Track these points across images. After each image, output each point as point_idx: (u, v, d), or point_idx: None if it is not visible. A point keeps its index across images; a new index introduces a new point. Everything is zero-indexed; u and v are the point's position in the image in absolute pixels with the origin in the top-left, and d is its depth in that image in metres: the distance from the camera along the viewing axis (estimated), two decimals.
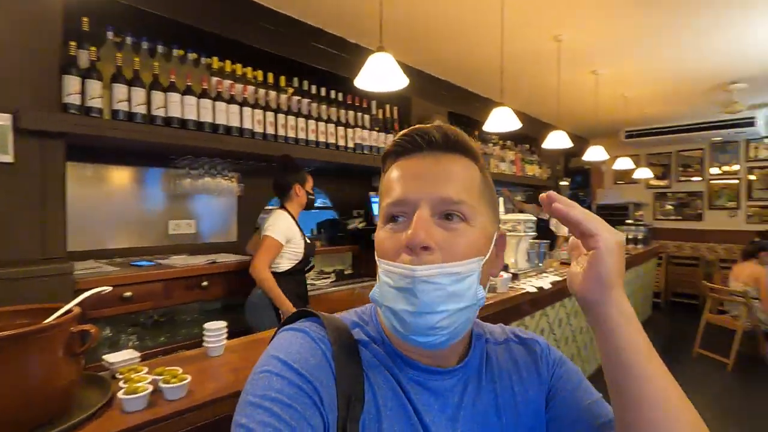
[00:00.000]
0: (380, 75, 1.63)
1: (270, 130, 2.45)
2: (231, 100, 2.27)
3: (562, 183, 6.07)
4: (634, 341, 0.44)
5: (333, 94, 2.93)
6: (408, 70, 3.48)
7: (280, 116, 2.51)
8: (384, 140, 3.21)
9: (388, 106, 3.33)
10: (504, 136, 4.91)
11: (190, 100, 2.11)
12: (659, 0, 2.38)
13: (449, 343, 0.51)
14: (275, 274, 2.17)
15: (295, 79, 2.71)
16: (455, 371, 0.55)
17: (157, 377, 0.89)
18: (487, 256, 0.52)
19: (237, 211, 2.87)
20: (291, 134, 2.56)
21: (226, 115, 2.25)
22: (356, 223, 3.48)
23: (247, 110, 2.34)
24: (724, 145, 6.04)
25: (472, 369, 0.57)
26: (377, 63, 1.63)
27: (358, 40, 3.03)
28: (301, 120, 2.63)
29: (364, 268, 3.52)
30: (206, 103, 2.17)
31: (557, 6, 2.47)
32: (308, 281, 3.01)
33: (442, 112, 3.82)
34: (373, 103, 3.22)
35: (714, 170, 6.18)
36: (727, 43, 2.99)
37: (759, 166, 5.82)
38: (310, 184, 2.47)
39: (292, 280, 2.30)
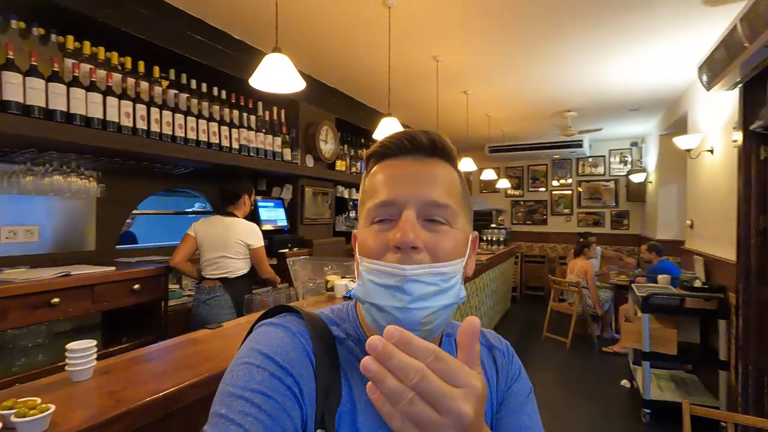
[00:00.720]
0: (276, 76, 1.59)
1: (141, 125, 2.19)
2: (91, 87, 1.97)
3: None
4: None
5: (216, 91, 2.75)
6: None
7: (154, 110, 2.26)
8: (272, 143, 3.12)
9: (275, 109, 3.24)
10: None
11: (35, 82, 1.77)
12: (521, 32, 2.80)
13: (427, 340, 0.49)
14: (238, 279, 2.43)
15: (172, 72, 2.48)
16: None
17: (6, 412, 0.73)
18: (466, 257, 0.54)
19: (96, 216, 2.48)
20: (167, 131, 2.33)
21: (85, 104, 1.94)
22: None
23: (112, 100, 2.05)
24: (562, 162, 7.29)
25: None
26: (273, 64, 1.59)
27: (244, 38, 2.90)
28: (179, 116, 2.40)
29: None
30: (58, 87, 1.85)
31: (437, 29, 2.72)
32: (183, 293, 2.76)
33: (330, 118, 3.86)
34: (260, 104, 3.10)
35: (554, 183, 7.40)
36: (565, 77, 3.65)
37: (585, 180, 7.17)
38: (254, 195, 2.73)
39: (247, 282, 2.52)
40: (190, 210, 3.49)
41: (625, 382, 3.58)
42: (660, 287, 3.23)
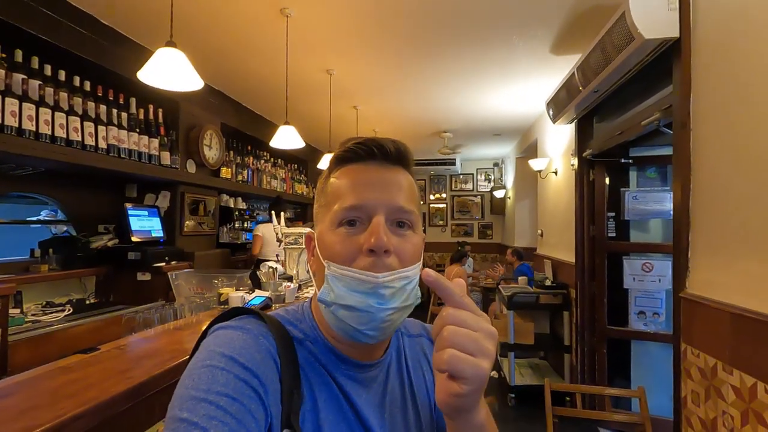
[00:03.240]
0: (169, 72, 1.46)
1: None
2: None
3: None
4: None
5: (78, 81, 2.38)
6: None
7: None
8: (147, 144, 2.80)
9: (151, 107, 2.93)
10: (275, 154, 5.04)
11: None
12: (407, 53, 3.03)
13: (386, 337, 0.56)
14: None
15: (19, 52, 2.08)
16: (379, 363, 0.60)
17: None
18: (422, 259, 0.57)
19: None
20: (11, 122, 1.93)
21: None
22: (105, 241, 2.86)
23: None
24: (438, 177, 7.99)
25: (391, 359, 0.62)
26: (166, 58, 1.46)
27: (114, 24, 2.57)
28: (29, 106, 2.02)
29: (115, 294, 2.93)
30: None
31: (332, 43, 2.79)
32: (25, 318, 2.29)
33: (215, 122, 3.62)
34: (132, 101, 2.77)
35: (432, 197, 8.06)
36: (444, 100, 4.05)
37: (457, 195, 7.97)
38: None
39: None
40: (33, 219, 2.89)
41: (493, 373, 4.05)
42: (520, 287, 3.77)
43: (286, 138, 2.57)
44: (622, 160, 2.93)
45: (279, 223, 2.58)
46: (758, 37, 1.35)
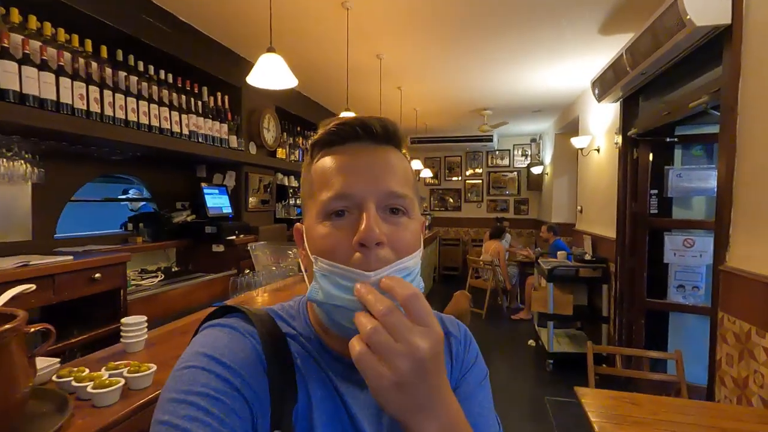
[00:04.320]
0: (271, 74, 1.70)
1: (95, 108, 2.10)
2: (43, 66, 1.86)
3: None
4: None
5: (163, 74, 2.67)
6: (241, 60, 3.45)
7: (107, 93, 2.18)
8: (219, 129, 3.10)
9: (219, 94, 3.21)
10: None
11: None
12: (451, 35, 3.16)
13: None
14: None
15: (119, 52, 2.37)
16: None
17: (115, 372, 0.84)
18: (422, 246, 0.53)
19: (32, 203, 2.30)
20: (120, 114, 2.25)
21: (38, 84, 1.83)
22: (184, 216, 3.23)
23: (65, 81, 1.95)
24: (474, 153, 8.06)
25: None
26: (268, 63, 1.70)
27: (188, 19, 2.83)
28: (131, 100, 2.33)
29: (193, 264, 3.32)
30: (8, 65, 1.72)
31: (384, 30, 2.96)
32: (131, 282, 2.68)
33: (270, 105, 3.89)
34: (205, 90, 3.06)
35: (468, 172, 8.16)
36: (485, 79, 4.14)
37: (493, 171, 8.03)
38: None
39: None
40: (122, 197, 3.29)
41: (531, 342, 4.28)
42: (560, 261, 3.93)
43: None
44: (668, 139, 3.00)
45: None
46: None
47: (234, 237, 3.26)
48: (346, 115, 2.93)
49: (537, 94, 4.64)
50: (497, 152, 7.93)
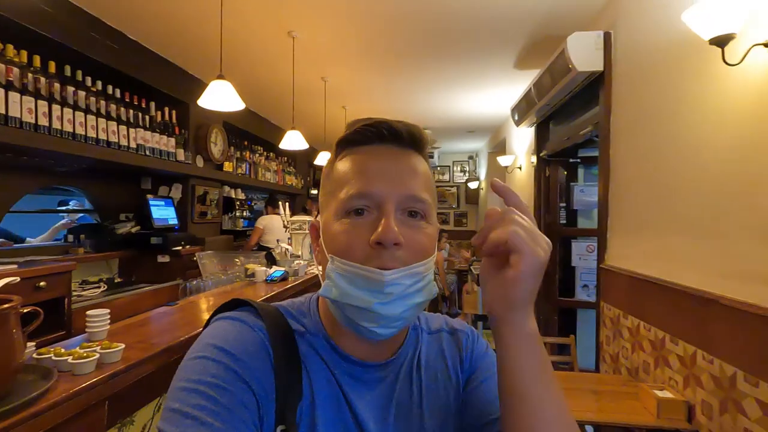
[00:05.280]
0: (221, 98, 1.90)
1: (43, 122, 2.18)
2: None
3: (312, 191, 7.09)
4: (522, 364, 0.44)
5: (110, 89, 2.76)
6: (189, 78, 3.58)
7: (56, 107, 2.26)
8: (166, 143, 3.20)
9: (167, 109, 3.32)
10: (268, 149, 5.44)
11: None
12: (395, 62, 3.51)
13: (396, 334, 0.51)
14: None
15: (68, 68, 2.45)
16: (388, 364, 0.55)
17: (89, 350, 1.01)
18: (436, 252, 0.52)
19: None
20: (68, 128, 2.33)
21: None
22: (129, 228, 3.26)
23: (14, 95, 2.02)
24: None
25: (404, 361, 0.57)
26: (218, 88, 1.90)
27: (139, 39, 2.95)
28: (80, 114, 2.41)
29: (137, 274, 3.34)
30: None
31: (328, 55, 3.24)
32: (72, 293, 2.69)
33: (218, 120, 4.01)
34: (152, 105, 3.16)
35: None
36: (425, 102, 4.55)
37: (435, 186, 8.51)
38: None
39: None
40: (62, 209, 3.26)
41: None
42: None
43: (293, 141, 3.01)
44: (571, 160, 3.52)
45: (285, 212, 3.04)
46: (651, 74, 1.91)
47: (180, 248, 3.34)
48: (292, 133, 3.18)
49: (470, 116, 5.13)
50: (438, 168, 8.44)
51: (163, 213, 3.39)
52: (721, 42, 1.22)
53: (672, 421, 1.51)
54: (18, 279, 0.97)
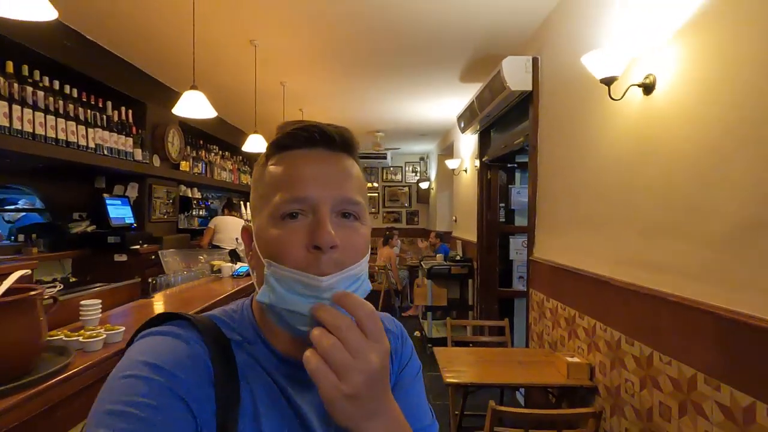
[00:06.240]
0: (194, 107, 2.05)
1: (3, 122, 2.20)
2: None
3: None
4: None
5: (68, 89, 2.77)
6: (145, 77, 3.61)
7: (15, 107, 2.27)
8: (124, 143, 3.23)
9: (123, 109, 3.33)
10: (224, 148, 5.47)
11: None
12: (351, 69, 3.74)
13: None
14: None
15: (25, 67, 2.46)
16: None
17: (94, 332, 1.17)
18: (369, 250, 0.53)
19: None
20: (28, 128, 2.35)
21: None
22: (84, 227, 3.25)
23: None
24: (370, 169, 8.79)
25: None
26: (192, 97, 2.04)
27: (89, 34, 2.96)
28: (39, 114, 2.43)
29: (92, 274, 3.33)
30: None
31: (288, 61, 3.42)
32: None
33: (175, 120, 4.04)
34: (109, 104, 3.17)
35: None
36: (378, 106, 4.82)
37: (389, 185, 8.85)
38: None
39: None
40: (11, 207, 3.17)
41: (417, 333, 4.99)
42: (437, 262, 4.71)
43: (257, 144, 3.15)
44: (509, 165, 3.94)
45: (245, 212, 3.19)
46: (566, 97, 2.30)
47: (138, 246, 3.37)
48: (254, 138, 3.32)
49: (421, 121, 5.47)
50: (392, 168, 8.77)
51: (120, 212, 3.40)
52: (607, 82, 1.59)
53: (578, 379, 1.88)
54: (30, 271, 1.12)
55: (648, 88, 1.51)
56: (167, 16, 2.60)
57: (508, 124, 3.52)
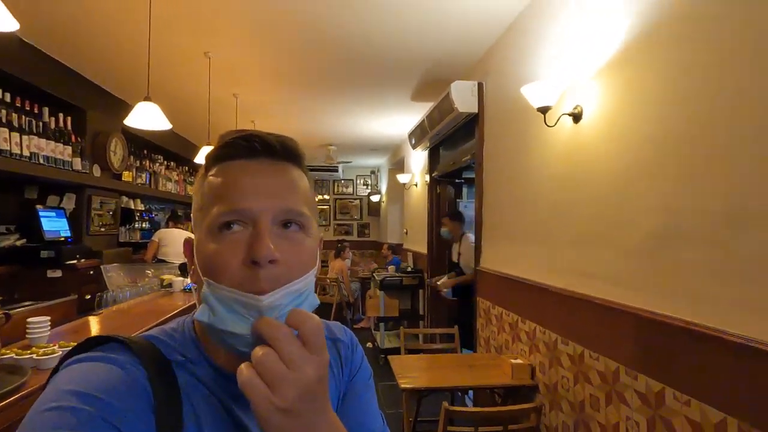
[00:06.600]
0: (147, 118, 2.00)
1: None
2: None
3: None
4: None
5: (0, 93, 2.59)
6: (87, 83, 3.45)
7: None
8: (62, 151, 3.05)
9: (62, 116, 3.15)
10: (169, 158, 5.28)
11: None
12: (302, 86, 3.80)
13: None
14: None
15: None
16: None
17: (48, 350, 1.13)
18: (318, 264, 0.50)
19: None
20: None
21: None
22: (12, 241, 3.01)
23: None
24: (322, 182, 8.81)
25: None
26: (145, 108, 2.00)
27: (25, 35, 2.80)
28: None
29: (20, 291, 3.07)
30: None
31: (241, 73, 3.42)
32: None
33: (117, 128, 3.86)
34: (45, 110, 2.99)
35: (316, 198, 8.85)
36: (331, 121, 4.90)
37: (340, 198, 8.90)
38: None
39: None
40: None
41: (369, 344, 5.05)
42: (389, 273, 4.82)
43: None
44: (457, 180, 4.16)
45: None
46: (508, 120, 2.52)
47: (75, 261, 3.16)
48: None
49: (373, 136, 5.61)
50: (343, 181, 8.85)
51: (54, 225, 3.18)
52: (543, 110, 1.79)
53: (521, 379, 2.04)
54: None
55: (576, 117, 1.73)
56: (118, 24, 2.53)
57: (456, 142, 3.74)
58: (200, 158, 3.37)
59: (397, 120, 4.74)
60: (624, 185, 1.48)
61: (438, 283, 3.82)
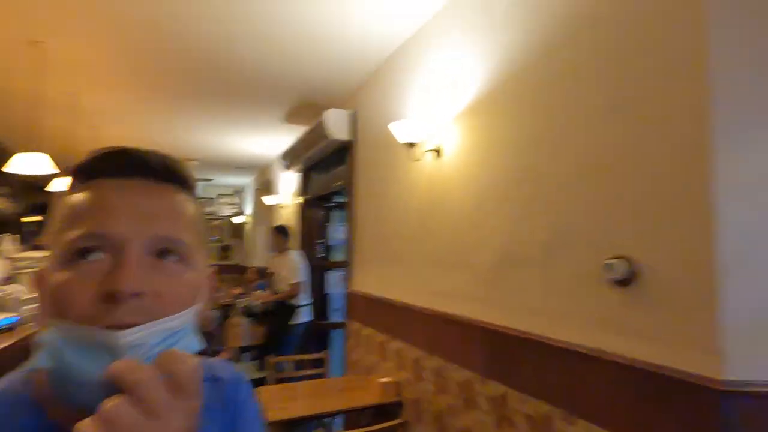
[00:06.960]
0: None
1: None
2: None
3: (31, 219, 5.67)
4: None
5: None
6: None
7: None
8: None
9: None
10: None
11: None
12: (157, 93, 3.44)
13: None
14: None
15: None
16: None
17: None
18: (204, 302, 0.44)
19: None
20: None
21: None
22: None
23: None
24: None
25: None
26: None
27: None
28: None
29: None
30: None
31: (85, 73, 2.94)
32: None
33: None
34: None
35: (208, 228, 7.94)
36: (192, 134, 4.51)
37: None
38: None
39: None
40: None
41: None
42: (253, 299, 4.57)
43: (34, 165, 2.55)
44: (327, 204, 4.23)
45: (8, 247, 2.52)
46: (377, 150, 2.69)
47: None
48: (34, 156, 2.68)
49: (241, 154, 5.35)
50: (202, 200, 8.15)
51: None
52: (409, 146, 1.98)
53: (388, 396, 2.14)
54: None
55: (438, 153, 1.95)
56: None
57: (329, 167, 3.81)
58: (15, 168, 2.73)
59: (269, 140, 4.62)
60: (475, 215, 1.71)
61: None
